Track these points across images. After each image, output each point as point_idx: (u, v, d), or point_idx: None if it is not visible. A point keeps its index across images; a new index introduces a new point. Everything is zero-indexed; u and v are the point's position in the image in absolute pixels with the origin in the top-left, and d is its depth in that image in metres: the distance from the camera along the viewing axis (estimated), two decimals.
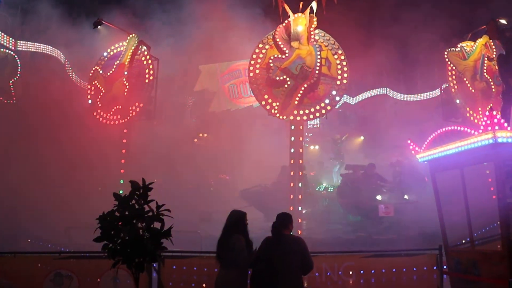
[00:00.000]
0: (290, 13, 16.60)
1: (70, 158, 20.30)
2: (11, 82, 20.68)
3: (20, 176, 18.62)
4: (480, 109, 18.43)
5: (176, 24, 23.09)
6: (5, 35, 21.01)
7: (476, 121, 18.07)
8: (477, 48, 18.99)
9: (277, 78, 16.50)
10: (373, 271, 9.61)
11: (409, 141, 9.34)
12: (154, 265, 8.64)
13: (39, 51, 22.78)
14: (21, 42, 21.90)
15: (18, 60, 21.05)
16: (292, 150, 16.82)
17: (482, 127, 7.25)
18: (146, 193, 5.97)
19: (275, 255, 6.36)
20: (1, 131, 19.52)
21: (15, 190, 18.35)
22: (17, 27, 23.47)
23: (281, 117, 16.62)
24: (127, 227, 5.82)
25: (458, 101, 18.72)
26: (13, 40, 21.35)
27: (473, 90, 18.70)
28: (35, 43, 22.53)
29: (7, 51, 20.98)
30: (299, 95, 16.25)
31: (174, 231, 6.00)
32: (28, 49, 22.31)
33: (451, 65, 18.88)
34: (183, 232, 12.70)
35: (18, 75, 20.94)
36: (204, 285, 9.35)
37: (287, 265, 6.40)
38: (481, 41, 18.99)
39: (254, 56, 16.84)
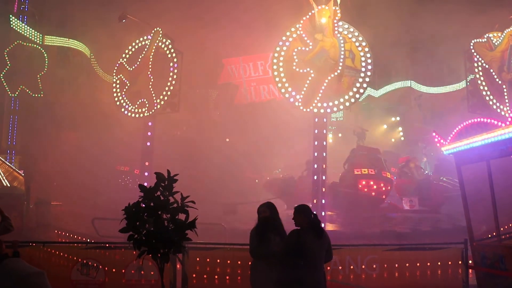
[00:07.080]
0: (314, 5, 16.47)
1: (95, 151, 20.62)
2: (38, 76, 21.02)
3: (48, 169, 19.01)
4: (507, 100, 18.13)
5: (200, 17, 23.17)
6: (33, 30, 21.37)
7: (503, 113, 17.77)
8: (504, 39, 18.63)
9: (301, 71, 16.42)
10: (396, 265, 9.54)
11: (434, 133, 9.21)
12: (179, 256, 8.75)
13: (65, 45, 23.12)
14: (48, 37, 22.24)
15: (45, 55, 21.37)
16: (316, 143, 16.73)
17: (509, 119, 7.10)
18: (171, 185, 6.02)
19: (313, 248, 6.35)
20: (30, 124, 19.92)
21: (43, 183, 18.75)
22: (45, 22, 23.85)
23: (304, 109, 16.55)
24: (152, 218, 5.88)
25: (484, 93, 18.44)
26: (41, 35, 21.70)
27: (500, 82, 18.39)
28: (62, 38, 22.86)
29: (35, 46, 21.34)
30: (323, 87, 16.16)
31: (198, 223, 6.05)
32: (55, 44, 22.65)
33: (478, 56, 18.59)
34: (208, 224, 12.84)
35: (46, 69, 21.25)
36: (227, 277, 9.40)
37: (321, 257, 6.46)
38: (509, 31, 18.62)
39: (278, 48, 16.78)
